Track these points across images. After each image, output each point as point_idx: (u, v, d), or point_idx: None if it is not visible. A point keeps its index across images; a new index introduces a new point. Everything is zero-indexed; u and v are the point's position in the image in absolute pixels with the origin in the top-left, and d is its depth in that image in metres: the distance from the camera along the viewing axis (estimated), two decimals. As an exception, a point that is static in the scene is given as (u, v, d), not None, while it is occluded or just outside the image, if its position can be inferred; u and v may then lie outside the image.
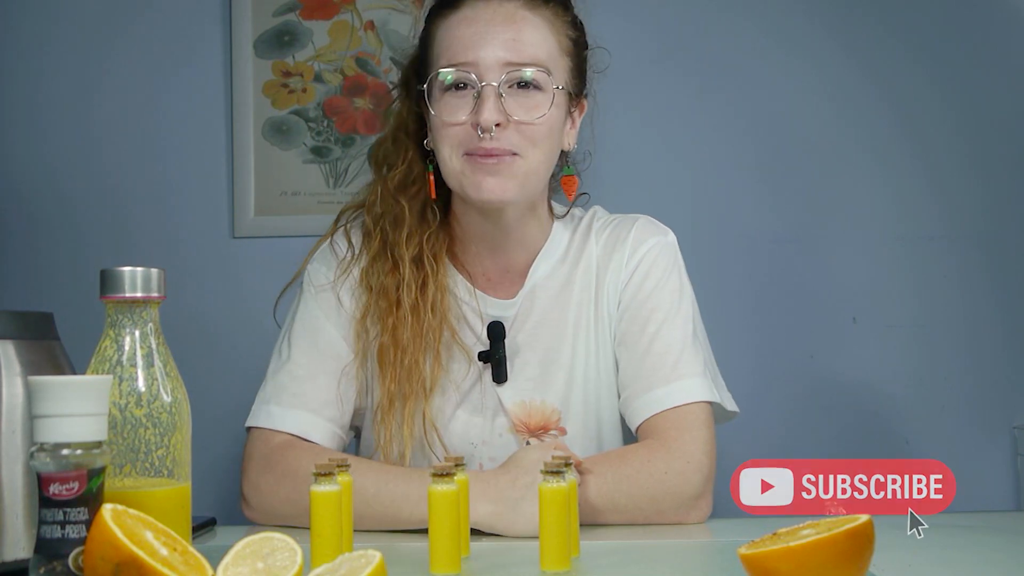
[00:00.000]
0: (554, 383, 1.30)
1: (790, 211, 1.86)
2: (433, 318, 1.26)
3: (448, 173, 1.26)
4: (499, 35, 1.22)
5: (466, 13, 1.24)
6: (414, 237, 1.29)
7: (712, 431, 1.24)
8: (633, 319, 1.30)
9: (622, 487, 1.17)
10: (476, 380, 1.30)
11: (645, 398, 1.25)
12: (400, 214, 1.29)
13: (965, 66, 1.86)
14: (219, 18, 1.88)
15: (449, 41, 1.24)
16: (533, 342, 1.31)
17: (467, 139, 1.22)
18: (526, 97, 1.22)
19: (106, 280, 0.85)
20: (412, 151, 1.32)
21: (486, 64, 1.21)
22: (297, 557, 0.77)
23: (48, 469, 0.74)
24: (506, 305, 1.32)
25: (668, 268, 1.31)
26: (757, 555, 0.77)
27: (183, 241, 1.86)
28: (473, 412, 1.30)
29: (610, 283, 1.32)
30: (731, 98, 1.86)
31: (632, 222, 1.35)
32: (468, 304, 1.31)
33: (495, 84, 1.20)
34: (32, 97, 1.89)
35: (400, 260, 1.27)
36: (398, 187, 1.30)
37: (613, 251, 1.33)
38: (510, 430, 1.30)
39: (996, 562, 0.99)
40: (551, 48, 1.25)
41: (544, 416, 1.30)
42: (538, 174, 1.26)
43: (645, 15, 1.86)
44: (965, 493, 1.84)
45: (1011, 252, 1.85)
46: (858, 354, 1.84)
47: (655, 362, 1.26)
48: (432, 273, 1.28)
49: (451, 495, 0.89)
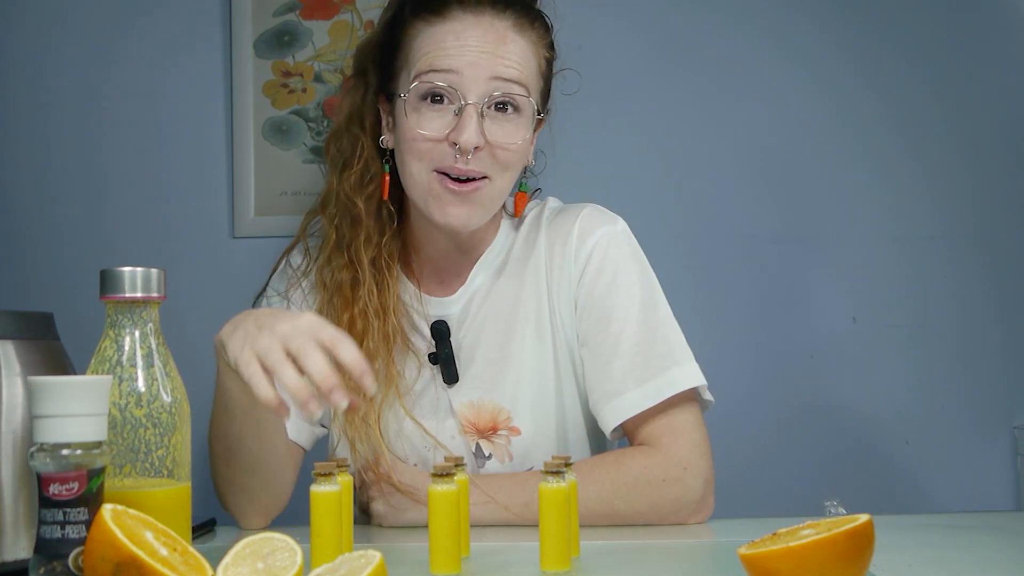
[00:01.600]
0: (503, 382, 1.28)
1: (790, 211, 1.86)
2: (390, 322, 1.25)
3: (412, 186, 1.23)
4: (487, 51, 1.19)
5: (454, 25, 1.20)
6: (372, 239, 1.27)
7: (703, 429, 1.22)
8: (594, 319, 1.26)
9: (620, 493, 1.17)
10: (428, 382, 1.29)
11: (618, 402, 1.22)
12: (357, 215, 1.27)
13: (965, 66, 1.86)
14: (219, 18, 1.88)
15: (432, 48, 1.20)
16: (479, 341, 1.29)
17: (440, 156, 1.19)
18: (506, 120, 1.21)
19: (106, 280, 0.85)
20: (368, 148, 1.29)
21: (471, 75, 1.18)
22: (297, 557, 0.77)
23: (48, 469, 0.74)
24: (447, 303, 1.30)
25: (621, 259, 1.27)
26: (757, 555, 0.77)
27: (183, 241, 1.86)
28: (423, 415, 1.28)
29: (560, 279, 1.28)
30: (730, 98, 1.86)
31: (576, 213, 1.30)
32: (414, 308, 1.30)
33: (478, 104, 1.18)
34: (32, 97, 1.89)
35: (359, 263, 1.25)
36: (354, 187, 1.28)
37: (559, 244, 1.29)
38: (460, 432, 1.28)
39: (996, 562, 0.99)
40: (532, 71, 1.24)
41: (492, 416, 1.28)
42: (500, 197, 1.25)
43: (642, 14, 1.86)
44: (965, 493, 1.85)
45: (1011, 252, 1.85)
46: (858, 354, 1.83)
47: (625, 364, 1.23)
48: (389, 278, 1.27)
49: (451, 495, 0.89)
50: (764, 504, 1.76)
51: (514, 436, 1.28)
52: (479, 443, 1.28)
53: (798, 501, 1.70)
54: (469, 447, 1.28)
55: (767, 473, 1.80)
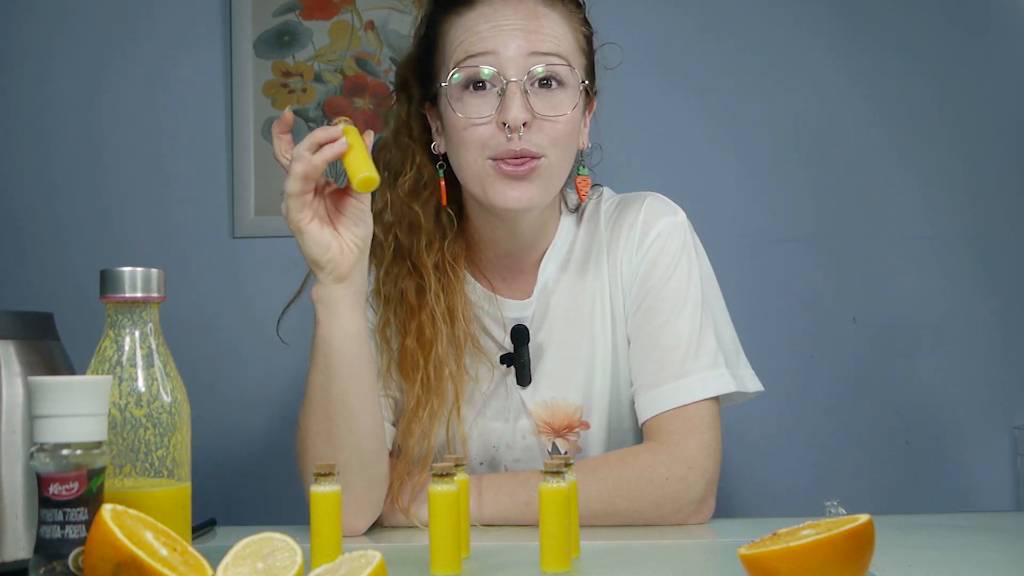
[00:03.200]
0: (574, 379, 1.28)
1: (790, 211, 1.86)
2: (459, 326, 1.23)
3: (469, 177, 1.21)
4: (520, 27, 1.18)
5: (483, 10, 1.19)
6: (434, 244, 1.25)
7: (717, 431, 1.22)
8: (642, 310, 1.26)
9: (622, 491, 1.17)
10: (499, 384, 1.28)
11: (651, 394, 1.22)
12: (415, 220, 1.25)
13: (965, 66, 1.86)
14: (219, 18, 1.88)
15: (465, 36, 1.20)
16: (552, 340, 1.29)
17: (492, 140, 1.17)
18: (551, 95, 1.19)
19: (106, 280, 0.85)
20: (420, 155, 1.27)
21: (509, 56, 1.17)
22: (297, 557, 0.77)
23: (48, 469, 0.74)
24: (523, 305, 1.29)
25: (676, 253, 1.27)
26: (757, 555, 0.77)
27: (183, 241, 1.86)
28: (494, 417, 1.28)
29: (625, 271, 1.28)
30: (730, 100, 1.86)
31: (640, 203, 1.30)
32: (486, 310, 1.29)
33: (520, 80, 1.17)
34: (33, 97, 1.89)
35: (423, 268, 1.23)
36: (409, 193, 1.26)
37: (623, 236, 1.29)
38: (533, 432, 1.28)
39: (996, 562, 0.99)
40: (570, 44, 1.22)
41: (567, 415, 1.28)
42: (559, 175, 1.23)
43: (652, 12, 1.86)
44: (965, 493, 1.85)
45: (1011, 252, 1.85)
46: (858, 354, 1.83)
47: (662, 356, 1.23)
48: (455, 280, 1.25)
49: (451, 495, 0.89)
50: (764, 504, 1.77)
51: (583, 430, 1.29)
52: (555, 442, 1.29)
53: (798, 501, 1.70)
54: (544, 447, 1.28)
55: (767, 473, 1.80)
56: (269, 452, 1.82)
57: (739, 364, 1.28)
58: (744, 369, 1.29)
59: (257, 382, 1.83)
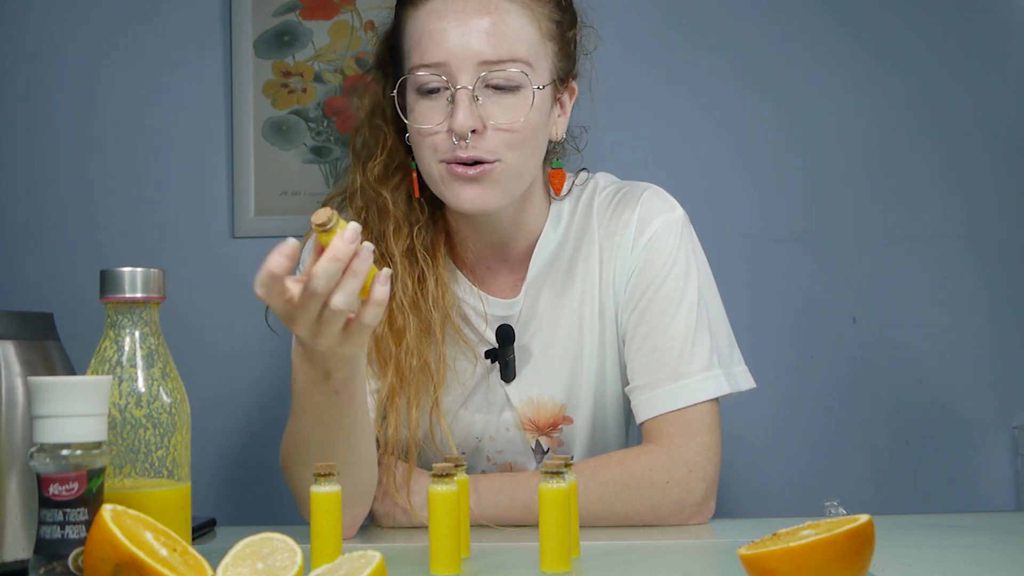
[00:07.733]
0: (559, 376, 1.27)
1: (790, 211, 1.86)
2: (435, 313, 1.21)
3: (428, 179, 1.20)
4: (472, 28, 1.13)
5: (435, 5, 1.15)
6: (402, 230, 1.23)
7: (717, 433, 1.22)
8: (639, 309, 1.24)
9: (622, 495, 1.17)
10: (483, 377, 1.28)
11: (649, 395, 1.21)
12: (384, 206, 1.23)
13: (965, 66, 1.86)
14: (219, 18, 1.88)
15: (418, 37, 1.16)
16: (537, 337, 1.28)
17: (444, 146, 1.15)
18: (503, 99, 1.15)
19: (106, 280, 0.85)
20: (391, 139, 1.25)
21: (458, 64, 1.13)
22: (297, 557, 0.77)
23: (48, 469, 0.74)
24: (509, 304, 1.28)
25: (673, 252, 1.24)
26: (757, 555, 0.77)
27: (183, 241, 1.86)
28: (477, 409, 1.28)
29: (617, 268, 1.26)
30: (730, 100, 1.86)
31: (637, 198, 1.27)
32: (469, 303, 1.27)
33: (469, 87, 1.13)
34: (32, 97, 1.89)
35: (389, 255, 1.21)
36: (378, 178, 1.24)
37: (618, 232, 1.26)
38: (517, 425, 1.29)
39: (996, 562, 0.99)
40: (531, 37, 1.17)
41: (552, 412, 1.28)
42: (522, 175, 1.19)
43: (651, 11, 1.86)
44: (965, 493, 1.85)
45: (1011, 252, 1.85)
46: (858, 354, 1.83)
47: (659, 357, 1.22)
48: (429, 268, 1.22)
49: (451, 495, 0.89)
50: (764, 504, 1.76)
51: (566, 425, 1.29)
52: (539, 440, 1.29)
53: (798, 501, 1.70)
54: (528, 443, 1.29)
55: (767, 473, 1.80)
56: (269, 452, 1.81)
57: (733, 360, 1.27)
58: (738, 366, 1.27)
59: (257, 382, 1.83)
